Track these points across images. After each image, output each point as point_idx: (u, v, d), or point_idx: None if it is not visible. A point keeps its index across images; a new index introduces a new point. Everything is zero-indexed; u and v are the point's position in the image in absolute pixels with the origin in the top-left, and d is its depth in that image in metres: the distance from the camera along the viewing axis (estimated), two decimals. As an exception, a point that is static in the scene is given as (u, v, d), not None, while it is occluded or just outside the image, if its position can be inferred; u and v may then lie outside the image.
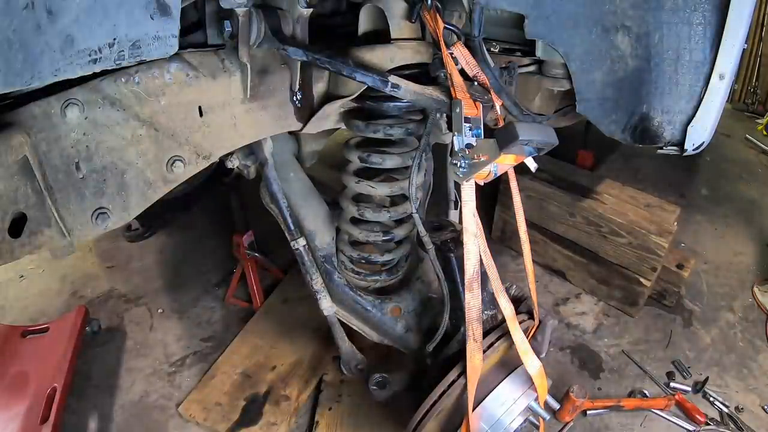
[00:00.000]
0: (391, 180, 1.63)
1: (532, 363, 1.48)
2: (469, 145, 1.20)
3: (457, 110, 1.22)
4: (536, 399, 1.51)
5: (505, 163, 1.21)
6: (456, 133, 1.22)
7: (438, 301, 1.73)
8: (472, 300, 1.37)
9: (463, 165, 1.21)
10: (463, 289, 1.37)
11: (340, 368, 1.88)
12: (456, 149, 1.21)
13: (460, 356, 1.45)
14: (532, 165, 1.36)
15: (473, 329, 1.39)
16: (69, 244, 1.08)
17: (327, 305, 1.68)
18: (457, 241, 1.53)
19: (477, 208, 1.33)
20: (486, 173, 1.22)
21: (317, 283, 1.67)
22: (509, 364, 1.54)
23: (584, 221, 2.61)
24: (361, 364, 1.86)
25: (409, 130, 1.51)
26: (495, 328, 1.57)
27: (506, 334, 1.50)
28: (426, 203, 1.89)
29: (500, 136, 1.16)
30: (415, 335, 1.74)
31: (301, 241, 1.62)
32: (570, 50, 1.43)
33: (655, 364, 2.41)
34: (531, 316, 1.66)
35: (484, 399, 1.47)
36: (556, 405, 1.68)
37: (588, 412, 2.14)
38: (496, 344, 1.51)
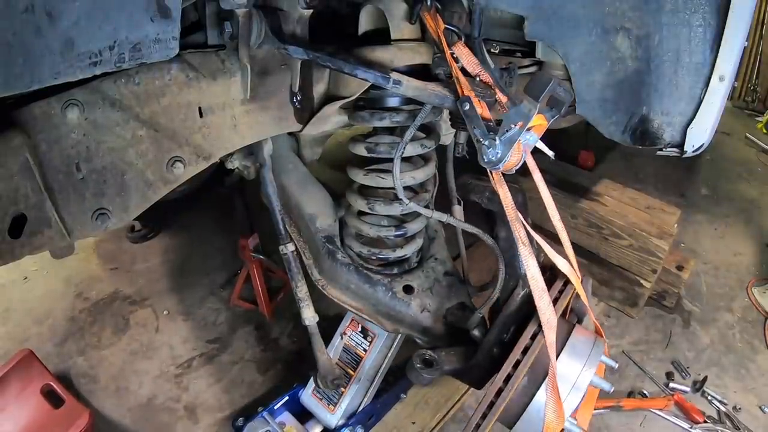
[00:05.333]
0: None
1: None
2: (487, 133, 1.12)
3: (466, 108, 1.19)
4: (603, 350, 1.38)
5: (535, 125, 1.11)
6: (475, 127, 1.15)
7: (455, 278, 1.68)
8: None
9: (495, 148, 1.09)
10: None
11: (316, 382, 1.81)
12: (480, 138, 1.13)
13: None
14: (549, 152, 1.31)
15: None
16: (69, 245, 1.08)
17: (309, 315, 1.64)
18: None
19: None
20: (515, 159, 1.13)
21: (301, 291, 1.62)
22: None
23: (585, 223, 2.60)
24: (338, 379, 1.80)
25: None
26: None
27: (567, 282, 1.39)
28: (434, 195, 1.85)
29: (532, 86, 1.07)
30: (432, 315, 1.65)
31: (290, 246, 1.59)
32: (570, 51, 1.43)
33: (655, 364, 2.41)
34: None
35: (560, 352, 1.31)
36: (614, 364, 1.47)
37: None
38: (565, 290, 1.38)
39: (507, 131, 1.09)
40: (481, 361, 1.43)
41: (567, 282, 1.41)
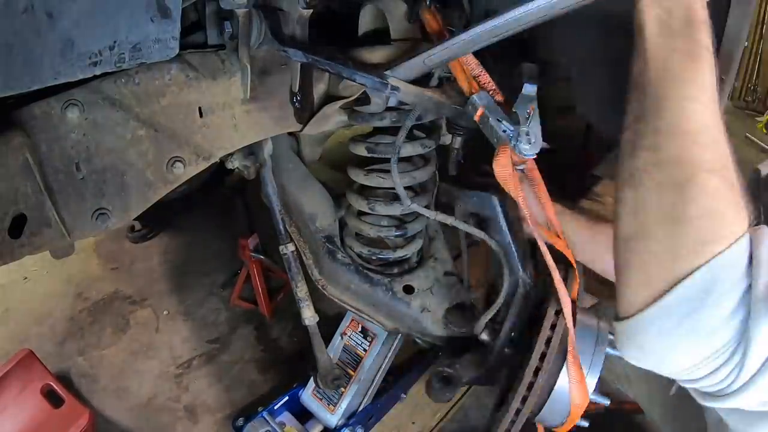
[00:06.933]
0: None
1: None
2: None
3: (486, 102, 1.17)
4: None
5: None
6: (500, 120, 1.13)
7: (456, 278, 1.69)
8: None
9: (525, 137, 1.09)
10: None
11: (316, 382, 1.80)
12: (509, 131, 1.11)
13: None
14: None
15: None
16: (69, 245, 1.08)
17: (309, 315, 1.63)
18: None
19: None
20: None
21: (301, 291, 1.62)
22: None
23: (585, 222, 2.60)
24: (338, 379, 1.79)
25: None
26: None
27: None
28: (434, 194, 1.85)
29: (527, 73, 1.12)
30: (432, 316, 1.66)
31: (290, 246, 1.59)
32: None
33: (655, 365, 2.41)
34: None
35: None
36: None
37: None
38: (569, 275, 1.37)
39: (527, 117, 1.09)
40: (495, 363, 1.44)
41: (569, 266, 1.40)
